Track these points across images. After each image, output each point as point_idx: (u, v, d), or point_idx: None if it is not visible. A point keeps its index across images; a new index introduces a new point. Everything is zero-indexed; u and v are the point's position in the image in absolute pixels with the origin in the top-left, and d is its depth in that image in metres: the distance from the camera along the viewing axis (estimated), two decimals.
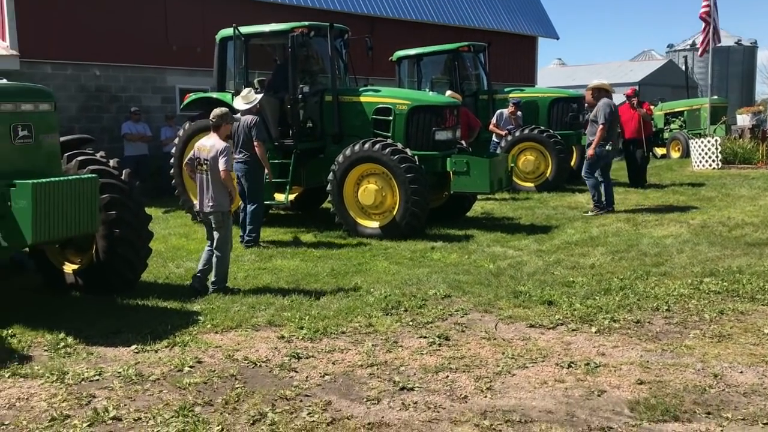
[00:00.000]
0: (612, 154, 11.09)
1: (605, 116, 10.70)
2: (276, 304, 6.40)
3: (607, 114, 10.71)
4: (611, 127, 10.79)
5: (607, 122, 10.70)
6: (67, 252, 6.94)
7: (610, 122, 10.75)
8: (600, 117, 10.78)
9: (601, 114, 10.77)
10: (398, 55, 15.41)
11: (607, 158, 11.01)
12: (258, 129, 8.96)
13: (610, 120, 10.72)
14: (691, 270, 7.37)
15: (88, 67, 14.68)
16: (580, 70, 51.97)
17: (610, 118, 10.72)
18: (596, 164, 11.01)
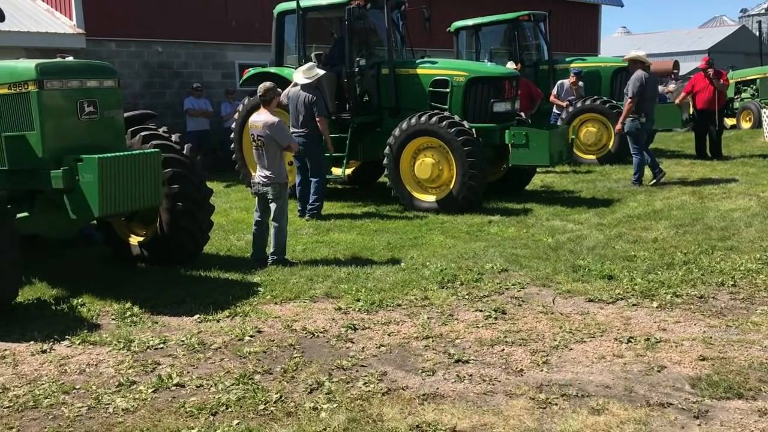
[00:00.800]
0: (647, 125, 10.95)
1: (634, 90, 10.59)
2: (333, 276, 6.48)
3: (636, 88, 10.59)
4: (642, 101, 10.64)
5: (636, 96, 10.58)
6: (133, 225, 7.17)
7: (640, 95, 10.60)
8: (629, 90, 10.69)
9: (631, 87, 10.68)
10: (456, 26, 15.19)
11: (641, 131, 10.84)
12: (318, 105, 9.00)
13: (639, 93, 10.58)
14: (759, 244, 7.11)
15: (151, 44, 15.00)
16: (646, 39, 50.27)
17: (639, 92, 10.58)
18: (639, 138, 10.83)
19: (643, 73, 10.77)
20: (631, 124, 10.78)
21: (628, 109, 10.70)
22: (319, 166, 9.28)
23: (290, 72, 10.67)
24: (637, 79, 10.67)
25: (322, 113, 9.02)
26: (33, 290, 6.31)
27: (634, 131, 10.80)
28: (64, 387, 4.29)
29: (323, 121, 9.01)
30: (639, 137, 10.85)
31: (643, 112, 10.74)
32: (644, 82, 10.66)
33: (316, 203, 9.29)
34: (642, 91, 10.63)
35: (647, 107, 10.81)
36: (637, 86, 10.62)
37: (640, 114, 10.72)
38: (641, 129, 10.83)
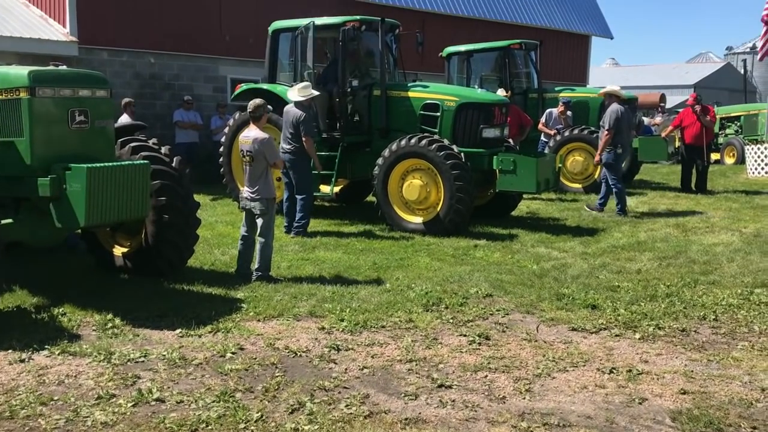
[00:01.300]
0: (623, 156, 11.32)
1: (610, 123, 10.92)
2: (318, 295, 6.46)
3: (612, 121, 10.92)
4: (618, 133, 10.97)
5: (612, 128, 10.91)
6: (118, 235, 7.12)
7: (616, 128, 10.93)
8: (606, 123, 11.01)
9: (607, 120, 11.00)
10: (448, 51, 15.33)
11: (618, 162, 11.21)
12: (306, 124, 9.03)
13: (615, 126, 10.91)
14: (741, 280, 7.18)
15: (143, 55, 15.01)
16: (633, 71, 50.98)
17: (615, 124, 10.90)
18: (616, 169, 11.16)
19: (619, 107, 11.11)
20: (608, 155, 11.09)
21: (606, 141, 11.00)
22: (306, 184, 9.28)
23: (283, 89, 10.72)
24: (613, 112, 11.00)
25: (308, 132, 9.05)
26: (13, 298, 6.24)
27: (612, 162, 11.10)
28: (42, 398, 4.23)
29: (309, 140, 9.04)
30: (616, 168, 11.16)
31: (620, 144, 11.06)
32: (620, 115, 11.00)
33: (302, 221, 9.29)
34: (618, 123, 10.96)
35: (623, 139, 11.15)
36: (614, 119, 10.93)
37: (616, 145, 11.04)
38: (618, 160, 11.16)
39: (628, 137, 11.51)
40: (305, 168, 9.22)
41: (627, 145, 11.37)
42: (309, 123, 9.10)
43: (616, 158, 11.09)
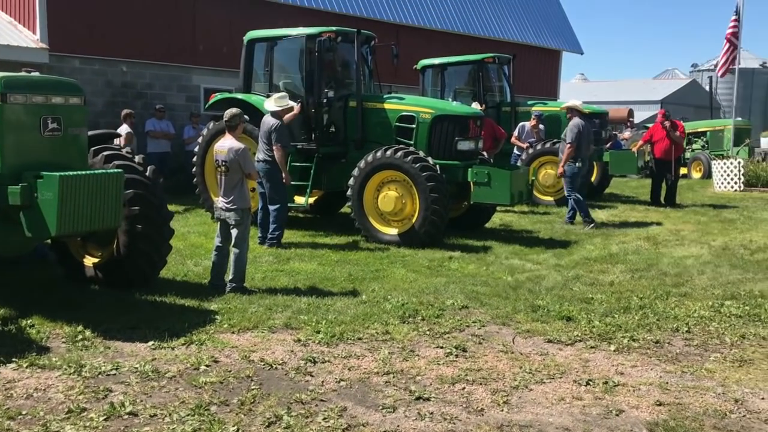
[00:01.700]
0: (583, 169, 11.69)
1: (572, 137, 11.29)
2: (293, 306, 6.40)
3: (574, 135, 11.30)
4: (578, 146, 11.33)
5: (574, 142, 11.26)
6: (89, 245, 6.98)
7: (578, 141, 11.27)
8: (568, 137, 11.35)
9: (569, 134, 11.33)
10: (423, 64, 15.41)
11: (577, 175, 11.53)
12: (279, 133, 8.99)
13: (577, 139, 11.26)
14: (711, 292, 7.29)
15: (116, 63, 14.83)
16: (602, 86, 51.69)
17: (576, 138, 11.25)
18: (575, 181, 11.48)
19: (580, 121, 11.47)
20: (569, 168, 11.38)
21: (568, 155, 11.30)
22: (279, 195, 9.22)
23: (258, 99, 10.67)
24: (575, 126, 11.35)
25: (279, 141, 8.98)
26: None
27: (571, 175, 11.38)
28: (10, 412, 4.11)
29: (279, 149, 8.98)
30: (575, 180, 11.49)
31: (579, 157, 11.37)
32: (581, 129, 11.36)
33: (276, 232, 9.22)
34: (579, 137, 11.27)
35: (583, 152, 11.49)
36: (575, 133, 11.28)
37: (576, 159, 11.36)
38: (577, 173, 11.46)
39: (588, 151, 11.87)
40: (279, 178, 9.16)
41: (586, 158, 11.75)
42: (281, 133, 9.05)
43: (576, 171, 11.42)
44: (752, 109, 45.83)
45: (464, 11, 22.03)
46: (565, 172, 11.44)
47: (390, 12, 19.54)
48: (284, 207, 9.33)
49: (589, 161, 12.53)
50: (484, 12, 22.76)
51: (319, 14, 17.30)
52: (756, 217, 12.88)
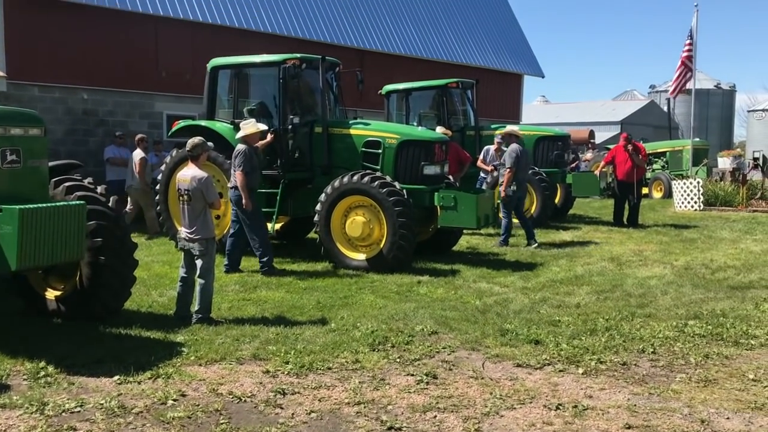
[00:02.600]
0: (519, 193, 12.08)
1: (511, 162, 11.65)
2: (261, 336, 6.33)
3: (513, 159, 11.64)
4: (517, 170, 11.75)
5: (513, 167, 11.64)
6: (50, 278, 6.83)
7: (516, 166, 11.68)
8: (507, 162, 11.73)
9: (508, 160, 11.71)
10: (387, 89, 15.53)
11: (513, 198, 11.93)
12: (241, 158, 8.98)
13: (516, 165, 11.65)
14: (675, 312, 7.42)
15: (76, 91, 14.63)
16: (563, 108, 52.67)
17: (516, 163, 11.65)
18: (510, 204, 11.90)
19: (518, 147, 11.85)
20: (508, 191, 11.79)
21: (508, 179, 11.65)
22: (254, 220, 9.18)
23: (222, 126, 10.63)
24: (513, 152, 11.76)
25: (240, 166, 8.98)
26: None
27: (507, 199, 11.81)
28: None
29: (240, 174, 8.97)
30: (510, 203, 11.87)
31: (514, 181, 11.77)
32: (519, 154, 11.73)
33: (264, 258, 9.19)
34: (518, 162, 11.67)
35: (520, 176, 11.90)
36: (514, 158, 11.68)
37: (512, 182, 11.75)
38: (512, 196, 11.87)
39: (525, 175, 12.27)
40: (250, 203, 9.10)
41: (523, 182, 12.19)
42: (244, 158, 9.02)
43: (511, 194, 11.81)
44: (709, 129, 47.13)
45: (427, 37, 22.31)
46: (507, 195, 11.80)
47: (354, 38, 19.69)
48: (262, 231, 9.27)
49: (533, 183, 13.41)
50: (447, 37, 23.08)
51: (284, 40, 17.36)
52: (716, 237, 13.18)
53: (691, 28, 20.63)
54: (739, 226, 14.68)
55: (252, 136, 9.17)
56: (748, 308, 7.57)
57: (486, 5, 26.03)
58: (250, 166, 9.11)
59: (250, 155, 9.16)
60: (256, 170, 9.31)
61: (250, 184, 9.11)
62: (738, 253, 11.20)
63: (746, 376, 5.46)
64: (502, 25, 26.15)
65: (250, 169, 9.11)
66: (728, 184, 19.48)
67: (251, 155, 9.17)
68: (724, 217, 16.39)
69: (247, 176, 9.05)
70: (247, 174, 9.04)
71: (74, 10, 14.28)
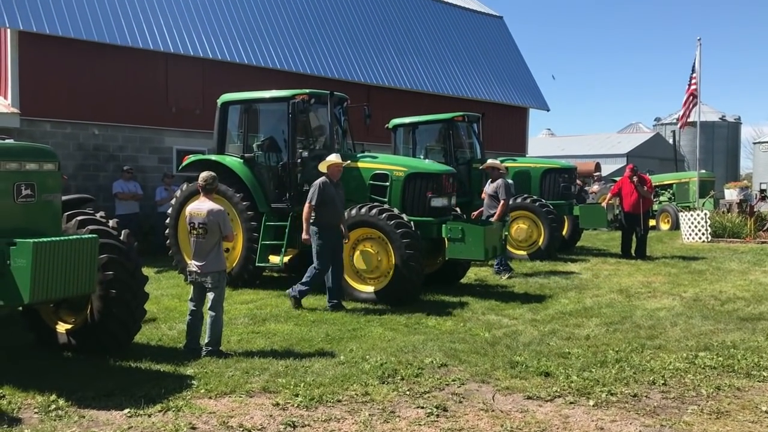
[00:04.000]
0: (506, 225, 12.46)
1: (507, 194, 11.97)
2: (270, 369, 6.33)
3: (507, 191, 12.01)
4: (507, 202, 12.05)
5: (508, 198, 11.97)
6: (61, 311, 6.87)
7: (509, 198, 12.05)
8: (501, 194, 11.96)
9: (503, 191, 11.96)
10: (394, 123, 15.69)
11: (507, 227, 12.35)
12: (313, 190, 8.99)
13: (509, 196, 12.04)
14: (685, 344, 7.39)
15: (87, 126, 14.86)
16: (569, 141, 52.96)
17: (509, 195, 12.04)
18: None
19: (505, 179, 12.22)
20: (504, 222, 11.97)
21: (502, 211, 11.84)
22: (318, 255, 9.06)
23: (231, 160, 10.76)
24: (506, 185, 12.08)
25: (309, 198, 8.97)
26: None
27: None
28: None
29: (307, 206, 8.98)
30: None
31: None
32: (507, 185, 12.10)
33: (303, 287, 9.16)
34: (510, 194, 12.07)
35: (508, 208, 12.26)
36: (507, 190, 11.99)
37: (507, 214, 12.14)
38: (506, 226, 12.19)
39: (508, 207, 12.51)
40: (320, 238, 9.02)
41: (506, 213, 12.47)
42: (314, 190, 8.99)
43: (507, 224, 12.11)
44: (715, 161, 47.26)
45: (433, 71, 22.59)
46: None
47: (361, 73, 19.95)
48: (321, 269, 9.11)
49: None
50: (452, 72, 23.35)
51: (292, 76, 17.61)
52: (724, 268, 13.14)
53: (694, 61, 20.83)
54: (747, 257, 14.64)
55: (334, 169, 9.16)
56: (759, 339, 7.53)
57: (490, 39, 26.37)
58: (321, 200, 8.94)
59: (324, 189, 8.98)
60: (330, 205, 9.03)
61: (320, 219, 8.98)
62: (747, 285, 11.16)
63: (759, 407, 5.42)
64: (506, 58, 26.45)
65: (321, 203, 8.94)
66: (735, 215, 19.45)
67: (325, 189, 8.99)
68: (732, 249, 16.35)
69: (315, 210, 8.94)
70: (314, 207, 8.94)
71: (86, 48, 14.57)
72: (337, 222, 9.17)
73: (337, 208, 9.16)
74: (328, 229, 9.06)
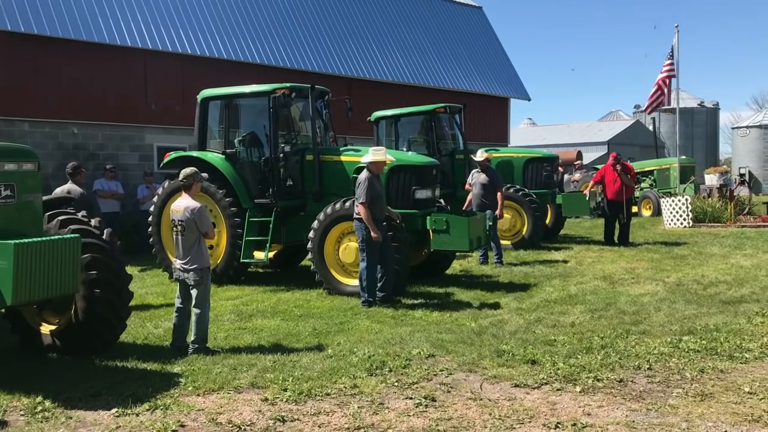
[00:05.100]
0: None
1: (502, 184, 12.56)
2: (258, 365, 6.32)
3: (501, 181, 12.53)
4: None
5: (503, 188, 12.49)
6: (45, 312, 6.81)
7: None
8: (499, 183, 12.50)
9: (499, 182, 12.52)
10: (376, 116, 15.67)
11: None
12: (362, 187, 8.83)
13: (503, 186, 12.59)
14: (669, 328, 7.47)
15: (66, 125, 14.71)
16: (550, 130, 53.16)
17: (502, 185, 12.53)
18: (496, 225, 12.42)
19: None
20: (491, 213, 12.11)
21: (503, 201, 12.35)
22: (366, 252, 8.90)
23: (213, 156, 10.70)
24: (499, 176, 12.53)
25: (360, 197, 8.82)
26: None
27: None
28: None
29: (362, 207, 8.78)
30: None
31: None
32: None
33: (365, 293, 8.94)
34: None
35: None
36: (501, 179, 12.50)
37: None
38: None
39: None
40: (367, 236, 8.84)
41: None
42: (363, 186, 8.85)
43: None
44: (694, 147, 47.64)
45: (414, 63, 22.58)
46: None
47: (342, 66, 19.90)
48: (370, 263, 8.90)
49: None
50: (433, 63, 23.36)
51: (273, 70, 17.53)
52: (706, 252, 13.29)
53: (672, 47, 20.98)
54: (728, 241, 14.81)
55: (378, 164, 9.10)
56: (741, 322, 7.64)
57: (471, 30, 26.39)
58: (371, 196, 8.87)
59: (371, 184, 8.91)
60: (378, 200, 8.99)
61: (376, 213, 8.92)
62: (729, 268, 11.30)
63: (742, 389, 5.50)
64: (487, 49, 26.49)
65: (371, 199, 8.86)
66: (716, 200, 19.66)
67: (372, 184, 8.92)
68: (714, 233, 16.53)
69: (369, 207, 8.85)
70: (368, 205, 8.83)
71: (63, 45, 14.42)
72: (382, 216, 9.12)
73: (383, 202, 9.19)
74: (378, 223, 8.96)
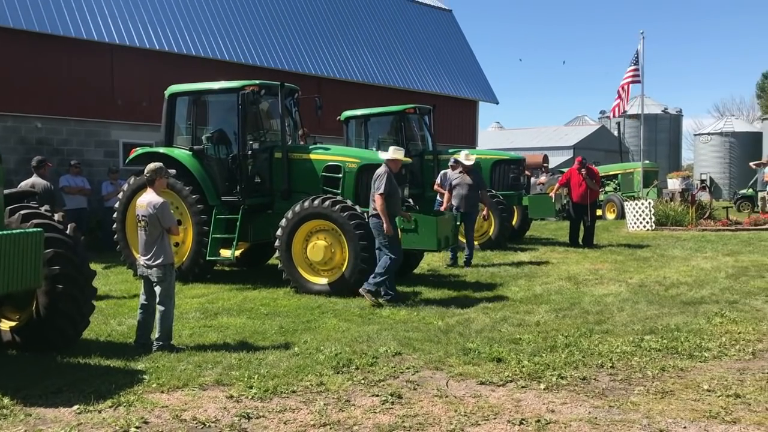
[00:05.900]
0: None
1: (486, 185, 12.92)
2: (223, 362, 6.28)
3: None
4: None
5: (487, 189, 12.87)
6: (5, 308, 6.67)
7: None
8: (484, 186, 12.84)
9: (485, 184, 12.85)
10: (346, 115, 15.67)
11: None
12: (382, 180, 8.89)
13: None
14: (632, 328, 7.60)
15: (30, 119, 14.42)
16: (517, 134, 53.63)
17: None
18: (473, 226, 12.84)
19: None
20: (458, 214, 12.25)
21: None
22: (387, 246, 8.97)
23: (180, 153, 10.59)
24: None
25: (379, 188, 8.88)
26: None
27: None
28: None
29: (379, 197, 8.86)
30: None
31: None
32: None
33: (374, 279, 8.93)
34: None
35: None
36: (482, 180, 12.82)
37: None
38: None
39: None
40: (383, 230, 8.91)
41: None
42: (384, 179, 8.91)
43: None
44: (658, 152, 48.47)
45: (384, 64, 22.62)
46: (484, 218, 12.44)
47: (312, 65, 19.85)
48: (392, 259, 8.97)
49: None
50: (403, 65, 23.42)
51: (241, 68, 17.42)
52: (668, 255, 13.54)
53: (637, 53, 21.33)
54: (689, 244, 15.12)
55: (396, 161, 9.15)
56: (701, 322, 7.80)
57: (440, 33, 26.53)
58: (389, 190, 8.94)
59: (390, 178, 8.98)
60: (394, 195, 9.10)
61: (390, 209, 8.97)
62: (689, 270, 11.53)
63: (701, 386, 5.62)
64: (456, 52, 26.66)
65: (388, 193, 8.93)
66: (678, 204, 20.04)
67: (390, 178, 8.99)
68: (675, 236, 16.85)
69: (386, 200, 8.91)
70: (383, 196, 8.89)
71: (27, 38, 14.13)
72: (396, 213, 9.21)
73: (398, 199, 9.32)
74: (392, 218, 9.03)
